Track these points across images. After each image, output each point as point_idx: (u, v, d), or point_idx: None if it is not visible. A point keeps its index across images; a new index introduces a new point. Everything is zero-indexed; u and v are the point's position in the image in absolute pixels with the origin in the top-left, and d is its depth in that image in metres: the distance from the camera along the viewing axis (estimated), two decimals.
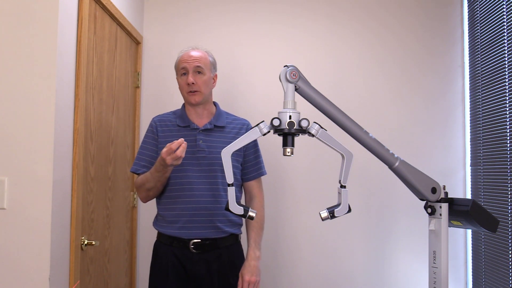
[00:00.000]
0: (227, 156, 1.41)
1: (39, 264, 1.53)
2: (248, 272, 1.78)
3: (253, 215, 1.45)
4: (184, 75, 1.84)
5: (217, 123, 1.89)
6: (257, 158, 1.97)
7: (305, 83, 1.48)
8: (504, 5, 2.15)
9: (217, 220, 1.81)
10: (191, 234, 1.79)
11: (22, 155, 1.56)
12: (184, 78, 1.84)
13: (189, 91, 1.84)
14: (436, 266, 1.55)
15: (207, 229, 1.80)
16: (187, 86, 1.83)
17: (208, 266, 1.80)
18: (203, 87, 1.85)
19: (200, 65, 1.83)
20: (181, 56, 1.87)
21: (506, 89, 2.13)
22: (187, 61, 1.84)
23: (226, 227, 1.84)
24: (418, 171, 1.56)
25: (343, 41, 2.67)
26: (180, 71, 1.85)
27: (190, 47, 1.91)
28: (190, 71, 1.83)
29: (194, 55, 1.85)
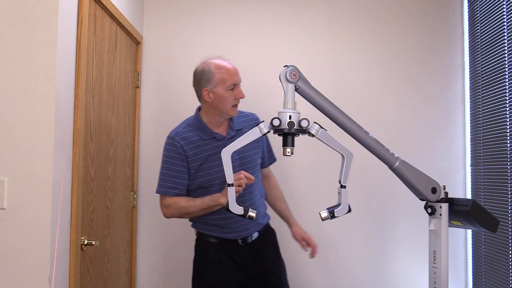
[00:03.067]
0: (227, 156, 1.41)
1: (39, 264, 1.53)
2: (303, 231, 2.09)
3: (253, 215, 1.45)
4: (232, 89, 1.87)
5: (236, 127, 1.97)
6: (269, 147, 2.13)
7: (305, 83, 1.48)
8: (504, 5, 2.15)
9: (259, 217, 1.97)
10: (237, 235, 1.94)
11: (22, 155, 1.55)
12: (232, 92, 1.86)
13: (234, 104, 1.89)
14: (436, 266, 1.55)
15: (250, 228, 1.95)
16: (236, 100, 1.88)
17: (255, 254, 1.97)
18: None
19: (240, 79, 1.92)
20: (226, 69, 1.87)
21: (506, 89, 2.13)
22: (236, 75, 1.88)
23: (262, 219, 2.01)
24: (418, 171, 1.56)
25: (343, 41, 2.67)
26: (229, 86, 1.86)
27: (219, 57, 1.92)
28: (238, 85, 1.89)
29: (235, 69, 1.90)
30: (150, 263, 2.64)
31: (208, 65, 1.88)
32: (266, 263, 1.99)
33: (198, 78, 1.89)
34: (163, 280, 2.63)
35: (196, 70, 1.92)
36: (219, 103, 1.87)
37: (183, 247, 2.64)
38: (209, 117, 1.92)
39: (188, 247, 2.64)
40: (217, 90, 1.85)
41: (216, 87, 1.85)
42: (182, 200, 1.91)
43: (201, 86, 1.87)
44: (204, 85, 1.86)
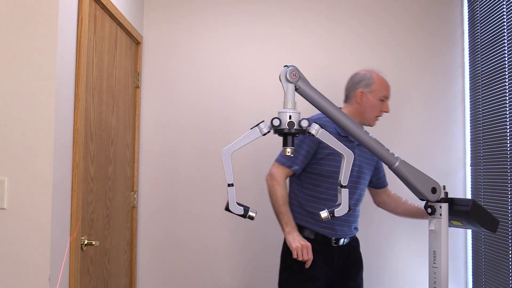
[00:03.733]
0: (227, 156, 1.41)
1: (39, 264, 1.53)
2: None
3: (253, 215, 1.45)
4: (382, 101, 2.01)
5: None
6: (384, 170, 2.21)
7: (305, 83, 1.48)
8: (504, 5, 2.15)
9: (352, 224, 2.05)
10: (333, 234, 2.00)
11: (22, 155, 1.55)
12: (381, 104, 2.01)
13: (378, 116, 2.03)
14: (436, 266, 1.55)
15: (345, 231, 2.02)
16: (381, 112, 2.02)
17: (344, 258, 2.04)
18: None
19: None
20: (384, 82, 2.03)
21: (506, 89, 2.13)
22: (389, 90, 2.03)
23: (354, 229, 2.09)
24: (418, 171, 1.56)
25: (343, 41, 2.67)
26: (382, 97, 2.01)
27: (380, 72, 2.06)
28: (388, 100, 2.03)
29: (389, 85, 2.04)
30: (150, 263, 2.64)
31: (370, 73, 2.04)
32: (352, 270, 2.08)
33: (357, 80, 2.04)
34: (163, 280, 2.63)
35: (358, 73, 2.07)
36: (366, 108, 2.01)
37: (183, 247, 2.65)
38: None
39: (187, 247, 2.65)
40: (370, 96, 2.00)
41: (371, 93, 2.00)
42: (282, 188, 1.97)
43: (358, 87, 2.02)
44: (361, 87, 2.01)
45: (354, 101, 2.03)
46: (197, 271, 2.64)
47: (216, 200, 2.61)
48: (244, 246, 2.64)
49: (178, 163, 2.67)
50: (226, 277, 2.62)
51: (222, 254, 2.63)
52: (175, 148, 2.67)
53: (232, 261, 2.64)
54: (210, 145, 2.64)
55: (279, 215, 1.95)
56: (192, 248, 2.64)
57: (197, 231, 2.65)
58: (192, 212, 2.64)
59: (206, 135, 2.66)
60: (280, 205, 1.95)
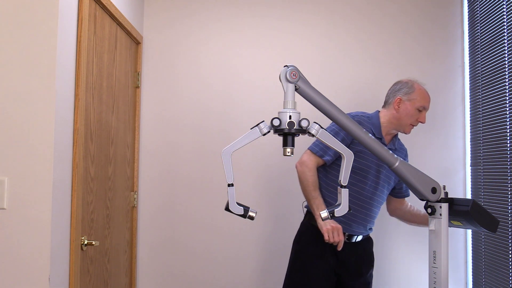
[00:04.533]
0: (227, 156, 1.41)
1: (39, 264, 1.53)
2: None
3: (253, 215, 1.45)
4: (421, 112, 2.03)
5: (395, 146, 2.13)
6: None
7: (305, 83, 1.48)
8: (504, 5, 2.15)
9: (368, 225, 2.08)
10: (348, 229, 2.03)
11: (22, 155, 1.55)
12: (418, 114, 2.03)
13: (412, 124, 2.04)
14: (436, 266, 1.55)
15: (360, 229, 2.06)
16: (416, 121, 2.04)
17: (358, 255, 2.08)
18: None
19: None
20: (424, 93, 2.05)
21: (506, 89, 2.13)
22: (428, 102, 2.05)
23: (369, 229, 2.12)
24: (418, 171, 1.56)
25: (343, 42, 2.67)
26: (420, 107, 2.03)
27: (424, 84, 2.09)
28: (425, 111, 2.05)
29: (430, 97, 2.06)
30: (150, 263, 2.64)
31: (412, 82, 2.07)
32: (363, 267, 2.11)
33: (399, 87, 2.08)
34: (163, 280, 2.63)
35: (400, 81, 2.11)
36: (403, 115, 2.03)
37: (183, 247, 2.65)
38: (387, 123, 2.08)
39: (187, 247, 2.65)
40: (408, 104, 2.03)
41: (409, 101, 2.03)
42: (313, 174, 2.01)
43: (397, 94, 2.06)
44: (400, 95, 2.05)
45: (392, 107, 2.07)
46: (197, 271, 2.64)
47: (216, 200, 2.61)
48: (245, 246, 2.64)
49: (178, 163, 2.67)
50: (225, 276, 2.62)
51: (221, 254, 2.63)
52: (175, 148, 2.67)
53: (232, 261, 2.63)
54: (210, 145, 2.64)
55: (310, 200, 1.98)
56: (192, 248, 2.64)
57: (197, 231, 2.65)
58: (192, 212, 2.64)
59: (206, 135, 2.66)
60: (311, 190, 1.98)
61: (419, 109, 2.02)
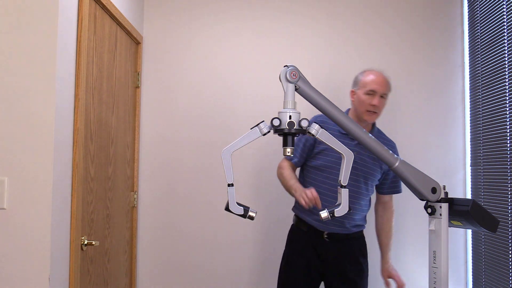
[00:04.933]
0: (227, 156, 1.41)
1: (39, 264, 1.53)
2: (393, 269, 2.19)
3: (253, 215, 1.45)
4: (370, 95, 2.01)
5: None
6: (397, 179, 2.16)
7: (305, 83, 1.48)
8: (504, 5, 2.15)
9: (347, 222, 2.04)
10: (324, 227, 2.05)
11: (22, 155, 1.55)
12: (369, 98, 2.00)
13: (368, 110, 2.01)
14: (436, 266, 1.55)
15: (337, 227, 2.04)
16: (370, 106, 2.00)
17: (338, 253, 2.06)
18: (381, 110, 2.05)
19: (386, 92, 2.04)
20: (372, 77, 2.03)
21: (506, 89, 2.13)
22: (379, 84, 2.01)
23: (353, 227, 2.08)
24: (418, 171, 1.56)
25: (343, 42, 2.67)
26: (367, 91, 2.01)
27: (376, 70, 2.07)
28: (378, 94, 2.01)
29: (384, 80, 2.03)
30: (150, 263, 2.64)
31: (362, 71, 2.10)
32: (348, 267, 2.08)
33: (352, 82, 2.12)
34: (163, 280, 2.63)
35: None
36: (357, 104, 2.05)
37: (183, 247, 2.65)
38: (353, 118, 2.09)
39: (187, 247, 2.65)
40: (359, 92, 2.04)
41: (359, 89, 2.05)
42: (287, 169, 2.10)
43: (352, 88, 2.10)
44: (352, 87, 2.10)
45: (351, 101, 2.12)
46: (198, 271, 2.64)
47: (217, 200, 2.61)
48: (245, 246, 2.64)
49: (178, 163, 2.67)
50: (227, 276, 2.62)
51: (223, 254, 2.63)
52: (175, 148, 2.67)
53: (233, 260, 2.63)
54: (210, 145, 2.64)
55: (289, 188, 2.02)
56: (193, 248, 2.64)
57: (197, 231, 2.65)
58: (193, 212, 2.64)
59: (206, 135, 2.66)
60: (288, 179, 2.04)
61: (368, 93, 2.01)
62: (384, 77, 2.05)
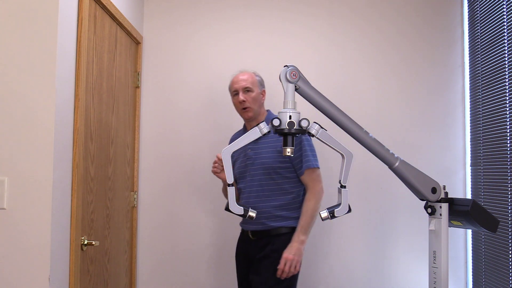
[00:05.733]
0: (227, 156, 1.41)
1: (39, 264, 1.53)
2: (287, 251, 1.98)
3: (253, 215, 1.45)
4: (236, 95, 2.11)
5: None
6: (301, 155, 2.07)
7: (305, 83, 1.48)
8: (504, 5, 2.15)
9: (262, 217, 2.03)
10: (248, 227, 2.13)
11: (22, 155, 1.55)
12: (236, 97, 2.11)
13: (242, 108, 2.10)
14: (436, 266, 1.55)
15: (257, 225, 2.06)
16: (240, 104, 2.09)
17: (262, 250, 2.05)
18: (253, 103, 2.09)
19: (248, 85, 2.09)
20: (232, 79, 2.15)
21: (506, 89, 2.13)
22: (237, 83, 2.11)
23: (272, 222, 2.05)
24: (418, 171, 1.56)
25: (342, 42, 2.67)
26: (233, 93, 2.14)
27: (239, 71, 2.17)
28: (240, 91, 2.09)
29: (242, 77, 2.12)
30: (150, 263, 2.64)
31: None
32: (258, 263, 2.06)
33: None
34: (163, 280, 2.63)
35: None
36: (236, 109, 2.17)
37: (183, 247, 2.65)
38: (245, 121, 2.20)
39: (187, 247, 2.65)
40: (232, 100, 2.17)
41: (231, 97, 2.17)
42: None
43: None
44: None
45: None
46: (197, 271, 2.64)
47: (216, 200, 2.61)
48: None
49: (178, 163, 2.67)
50: (226, 277, 2.62)
51: (222, 254, 2.63)
52: (175, 148, 2.67)
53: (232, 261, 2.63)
54: (210, 145, 2.64)
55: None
56: (192, 248, 2.64)
57: (197, 231, 2.65)
58: (192, 212, 2.64)
59: (206, 135, 2.66)
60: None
61: (234, 95, 2.13)
62: (243, 74, 2.13)
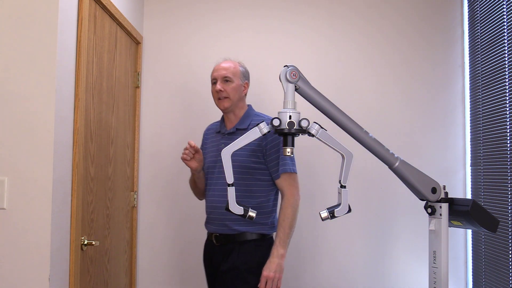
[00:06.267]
0: (227, 156, 1.41)
1: (39, 264, 1.53)
2: (266, 268, 1.83)
3: (253, 215, 1.45)
4: (214, 84, 2.01)
5: (239, 126, 1.99)
6: (278, 157, 1.93)
7: (305, 83, 1.48)
8: (504, 5, 2.15)
9: (226, 218, 1.90)
10: (211, 229, 2.00)
11: (22, 155, 1.55)
12: (214, 86, 2.01)
13: (218, 98, 2.00)
14: (436, 266, 1.55)
15: (220, 226, 1.94)
16: (216, 93, 1.99)
17: (226, 257, 1.93)
18: (232, 94, 1.98)
19: (228, 75, 1.98)
20: (214, 67, 2.05)
21: (506, 89, 2.13)
22: (217, 71, 2.02)
23: (236, 225, 1.90)
24: (418, 171, 1.56)
25: (342, 43, 2.67)
26: (212, 81, 2.04)
27: (223, 58, 2.09)
28: (219, 80, 1.98)
29: (223, 66, 2.02)
30: (150, 263, 2.64)
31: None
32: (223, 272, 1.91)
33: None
34: (163, 280, 2.63)
35: None
36: (213, 99, 2.05)
37: (183, 247, 2.65)
38: (224, 113, 2.08)
39: (187, 247, 2.65)
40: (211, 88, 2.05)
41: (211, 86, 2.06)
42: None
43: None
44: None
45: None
46: (197, 271, 2.63)
47: None
48: None
49: (178, 163, 2.66)
50: None
51: None
52: (175, 148, 2.67)
53: None
54: None
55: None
56: (192, 248, 2.64)
57: (197, 231, 2.64)
58: (192, 212, 2.64)
59: None
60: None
61: (213, 83, 2.03)
62: (226, 62, 2.03)
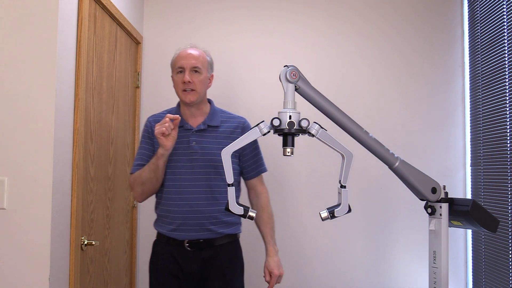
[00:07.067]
0: (227, 156, 1.41)
1: (39, 264, 1.53)
2: (275, 267, 1.86)
3: (253, 215, 1.45)
4: (181, 73, 1.80)
5: (211, 123, 1.85)
6: (256, 156, 1.94)
7: (305, 83, 1.48)
8: (504, 5, 2.15)
9: (209, 222, 1.79)
10: (185, 236, 1.79)
11: (22, 155, 1.55)
12: (180, 76, 1.80)
13: (184, 90, 1.80)
14: (436, 266, 1.54)
15: (199, 231, 1.79)
16: (183, 84, 1.79)
17: (203, 264, 1.80)
18: (199, 87, 1.80)
19: (198, 65, 1.80)
20: (179, 53, 1.84)
21: (506, 89, 2.13)
22: (185, 59, 1.80)
23: (220, 228, 1.82)
24: (418, 171, 1.56)
25: (342, 43, 2.67)
26: (177, 69, 1.81)
27: (189, 45, 1.89)
28: (187, 69, 1.79)
29: (192, 53, 1.81)
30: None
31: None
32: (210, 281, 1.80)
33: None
34: None
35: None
36: (174, 88, 1.84)
37: None
38: (182, 105, 1.88)
39: None
40: (173, 76, 1.85)
41: (172, 73, 1.86)
42: (136, 173, 1.82)
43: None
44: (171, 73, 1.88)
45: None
46: None
47: None
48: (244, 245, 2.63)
49: None
50: None
51: None
52: None
53: None
54: None
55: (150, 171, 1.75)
56: None
57: None
58: None
59: None
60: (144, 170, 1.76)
61: (178, 72, 1.81)
62: (193, 49, 1.83)
